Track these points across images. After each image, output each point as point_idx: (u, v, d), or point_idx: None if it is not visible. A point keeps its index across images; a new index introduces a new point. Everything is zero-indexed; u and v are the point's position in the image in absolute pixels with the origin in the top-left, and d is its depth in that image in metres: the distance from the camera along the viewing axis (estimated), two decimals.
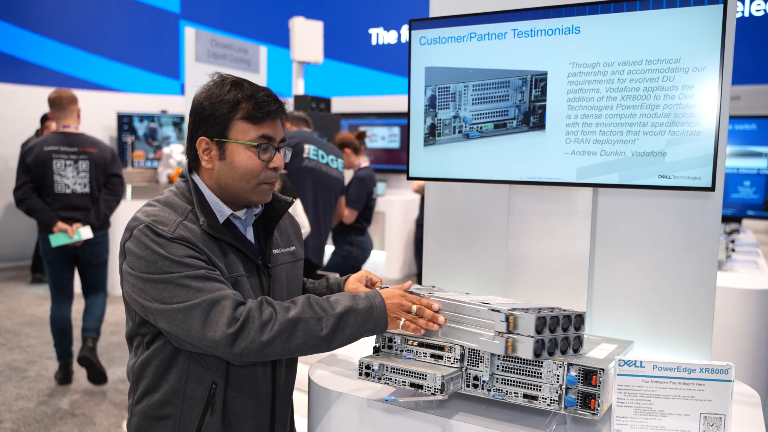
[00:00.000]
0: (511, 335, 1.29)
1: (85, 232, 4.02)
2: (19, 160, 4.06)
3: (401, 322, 1.41)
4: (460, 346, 1.37)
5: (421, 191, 5.69)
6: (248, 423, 1.50)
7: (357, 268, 4.75)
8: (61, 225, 3.96)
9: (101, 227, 4.18)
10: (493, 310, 1.32)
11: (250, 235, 1.55)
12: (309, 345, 1.35)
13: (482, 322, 1.34)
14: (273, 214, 1.59)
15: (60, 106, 4.08)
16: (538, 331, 1.27)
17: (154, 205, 1.45)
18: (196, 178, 1.50)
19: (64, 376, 4.27)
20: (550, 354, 1.30)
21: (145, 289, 1.35)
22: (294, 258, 1.64)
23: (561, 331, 1.33)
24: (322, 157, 3.98)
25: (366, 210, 4.73)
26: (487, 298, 1.49)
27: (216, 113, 1.42)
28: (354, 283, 1.69)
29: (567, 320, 1.34)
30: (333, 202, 4.15)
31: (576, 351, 1.36)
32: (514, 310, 1.30)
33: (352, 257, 4.73)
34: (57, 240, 3.95)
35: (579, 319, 1.38)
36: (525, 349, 1.27)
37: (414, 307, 1.42)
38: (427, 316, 1.42)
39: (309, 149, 3.87)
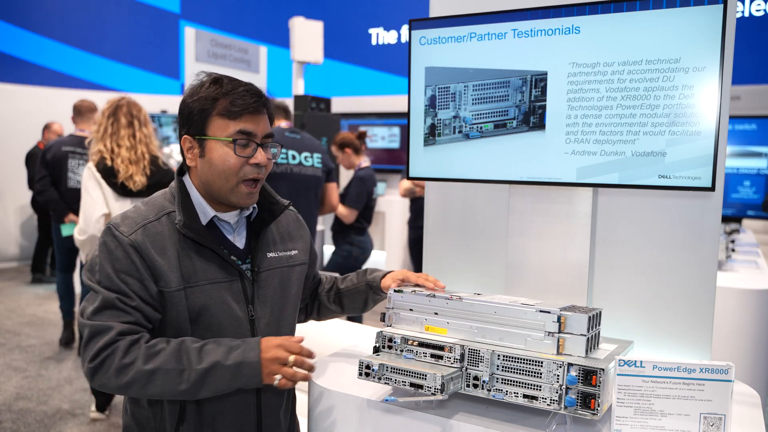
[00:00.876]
0: (562, 335, 1.34)
1: None
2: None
3: (276, 380, 1.34)
4: (501, 347, 1.38)
5: (408, 195, 5.63)
6: (228, 431, 1.47)
7: (357, 269, 4.73)
8: (71, 216, 4.39)
9: None
10: (542, 311, 1.36)
11: (241, 238, 1.52)
12: (169, 394, 1.33)
13: (529, 323, 1.38)
14: (268, 217, 1.55)
15: (79, 112, 4.62)
16: (588, 329, 1.34)
17: (138, 205, 1.46)
18: (186, 177, 1.49)
19: (66, 336, 5.01)
20: (591, 350, 1.37)
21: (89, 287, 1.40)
22: (294, 262, 1.60)
23: (595, 328, 1.40)
24: (293, 158, 3.77)
25: (366, 210, 4.68)
26: (507, 299, 1.50)
27: (195, 110, 1.42)
28: (390, 281, 1.66)
29: (599, 317, 1.42)
30: (313, 203, 4.03)
31: (596, 346, 1.43)
32: (562, 310, 1.37)
33: (353, 257, 4.69)
34: (67, 230, 4.34)
35: (600, 316, 1.45)
36: (577, 347, 1.33)
37: (291, 359, 1.34)
38: (306, 367, 1.37)
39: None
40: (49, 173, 4.44)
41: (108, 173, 3.09)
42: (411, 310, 1.55)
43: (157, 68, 10.96)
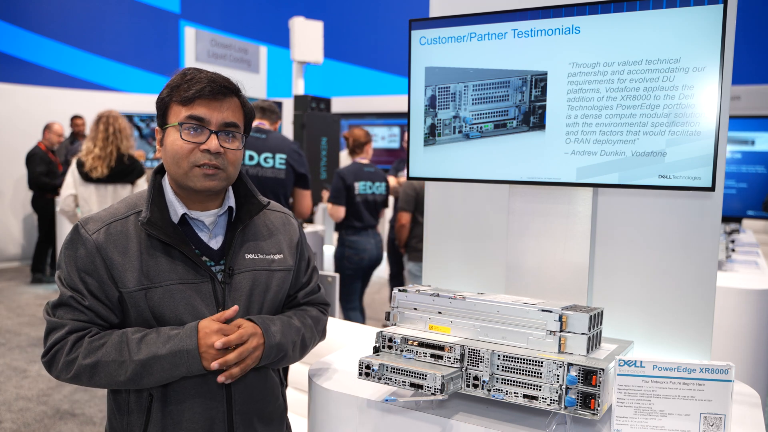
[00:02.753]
0: (564, 333, 1.35)
1: None
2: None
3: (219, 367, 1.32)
4: (504, 345, 1.40)
5: (393, 194, 5.30)
6: None
7: (355, 271, 4.58)
8: None
9: None
10: (544, 310, 1.38)
11: (218, 238, 1.47)
12: (115, 385, 1.35)
13: (531, 322, 1.39)
14: (245, 217, 1.49)
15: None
16: (589, 328, 1.35)
17: (115, 203, 1.47)
18: (165, 175, 1.48)
19: None
20: (592, 349, 1.38)
21: None
22: (276, 267, 1.51)
23: (596, 327, 1.41)
24: (251, 158, 3.62)
25: (351, 206, 4.49)
26: (510, 298, 1.51)
27: (160, 101, 1.42)
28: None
29: (600, 316, 1.44)
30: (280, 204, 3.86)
31: (598, 345, 1.44)
32: (564, 309, 1.38)
33: (345, 258, 4.53)
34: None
35: (601, 316, 1.46)
36: (579, 346, 1.35)
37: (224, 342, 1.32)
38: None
39: None
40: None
41: (80, 165, 4.20)
42: (415, 309, 1.56)
43: (157, 68, 10.96)
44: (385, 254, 5.50)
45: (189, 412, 1.40)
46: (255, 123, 3.77)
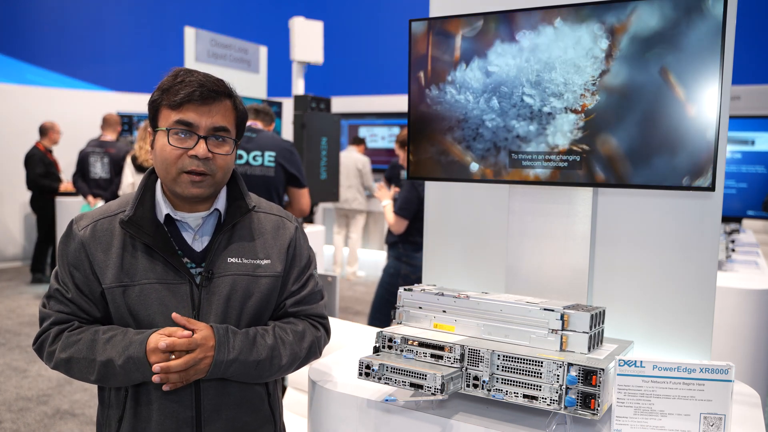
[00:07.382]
0: (565, 332, 1.37)
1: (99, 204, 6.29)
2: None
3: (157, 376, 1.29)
4: (506, 344, 1.41)
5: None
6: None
7: None
8: (89, 198, 6.39)
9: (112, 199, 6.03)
10: (546, 309, 1.40)
11: (203, 240, 1.45)
12: (90, 381, 1.38)
13: (533, 321, 1.41)
14: (230, 219, 1.46)
15: (106, 123, 6.77)
16: (591, 327, 1.37)
17: (112, 200, 1.50)
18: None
19: None
20: (593, 347, 1.41)
21: None
22: (261, 273, 1.46)
23: (598, 326, 1.43)
24: (240, 157, 3.54)
25: (419, 221, 3.86)
26: (513, 297, 1.52)
27: (151, 102, 1.41)
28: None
29: (601, 316, 1.45)
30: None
31: (600, 344, 1.46)
32: (566, 308, 1.40)
33: (401, 276, 4.00)
34: (84, 208, 6.22)
35: (603, 315, 1.47)
36: (580, 344, 1.37)
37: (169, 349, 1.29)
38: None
39: None
40: (81, 168, 6.47)
41: (133, 159, 5.18)
42: (420, 308, 1.57)
43: (157, 68, 10.97)
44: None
45: (157, 414, 1.40)
46: (248, 123, 3.69)
